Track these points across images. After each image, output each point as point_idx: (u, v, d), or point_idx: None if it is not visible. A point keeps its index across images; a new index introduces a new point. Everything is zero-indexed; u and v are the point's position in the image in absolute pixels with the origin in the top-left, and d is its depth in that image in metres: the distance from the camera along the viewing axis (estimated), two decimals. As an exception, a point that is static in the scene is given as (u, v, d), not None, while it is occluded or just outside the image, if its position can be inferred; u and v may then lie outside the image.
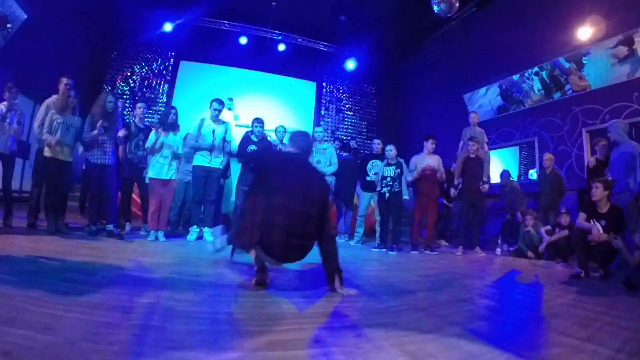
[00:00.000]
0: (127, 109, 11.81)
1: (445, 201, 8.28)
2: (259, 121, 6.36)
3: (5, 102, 5.08)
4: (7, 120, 5.06)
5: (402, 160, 6.49)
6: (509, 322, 2.49)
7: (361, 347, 1.79)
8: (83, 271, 2.82)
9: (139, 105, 6.31)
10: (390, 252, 6.14)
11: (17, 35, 7.76)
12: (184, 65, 13.46)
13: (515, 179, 9.75)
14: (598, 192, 4.70)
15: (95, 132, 5.01)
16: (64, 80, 5.10)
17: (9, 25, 7.50)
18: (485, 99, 10.79)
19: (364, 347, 1.79)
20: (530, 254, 6.46)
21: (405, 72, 15.22)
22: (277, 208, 2.74)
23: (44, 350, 1.43)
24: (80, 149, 5.12)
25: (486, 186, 6.79)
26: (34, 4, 7.98)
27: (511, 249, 7.13)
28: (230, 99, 10.19)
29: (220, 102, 5.92)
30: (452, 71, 12.16)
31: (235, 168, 6.54)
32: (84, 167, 7.09)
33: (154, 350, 1.55)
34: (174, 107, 5.93)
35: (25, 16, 7.79)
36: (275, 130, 7.01)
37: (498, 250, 7.20)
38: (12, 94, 5.12)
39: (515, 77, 9.78)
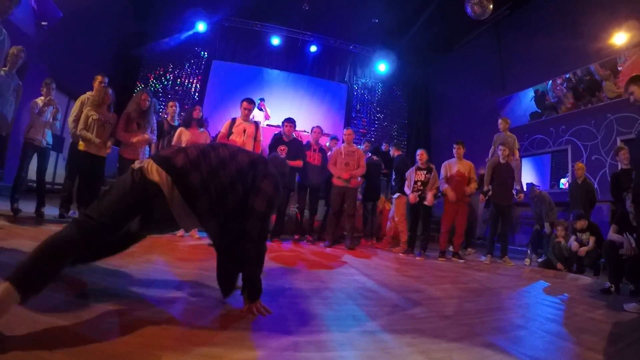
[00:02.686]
0: (159, 108, 12.04)
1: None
2: (290, 121, 6.35)
3: (42, 97, 5.23)
4: (44, 114, 5.22)
5: (432, 166, 6.41)
6: (536, 335, 2.42)
7: (388, 352, 1.78)
8: (112, 263, 2.87)
9: (171, 103, 6.40)
10: (417, 258, 6.08)
11: (52, 33, 8.00)
12: (217, 65, 13.63)
13: (547, 187, 9.54)
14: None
15: (134, 140, 5.14)
16: (99, 77, 5.24)
17: (44, 23, 7.72)
18: (518, 105, 10.59)
19: (391, 352, 1.78)
20: (559, 265, 6.28)
21: (437, 76, 15.11)
22: None
23: (71, 338, 1.47)
24: (108, 143, 5.17)
25: (522, 195, 6.64)
26: (70, 3, 8.22)
27: (540, 259, 6.95)
28: (262, 99, 10.34)
29: (251, 102, 5.93)
30: (485, 75, 11.98)
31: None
32: None
33: (181, 345, 1.57)
34: (198, 105, 6.03)
35: (61, 14, 8.02)
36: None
37: (527, 261, 7.02)
38: (50, 90, 5.27)
39: (549, 82, 9.57)
